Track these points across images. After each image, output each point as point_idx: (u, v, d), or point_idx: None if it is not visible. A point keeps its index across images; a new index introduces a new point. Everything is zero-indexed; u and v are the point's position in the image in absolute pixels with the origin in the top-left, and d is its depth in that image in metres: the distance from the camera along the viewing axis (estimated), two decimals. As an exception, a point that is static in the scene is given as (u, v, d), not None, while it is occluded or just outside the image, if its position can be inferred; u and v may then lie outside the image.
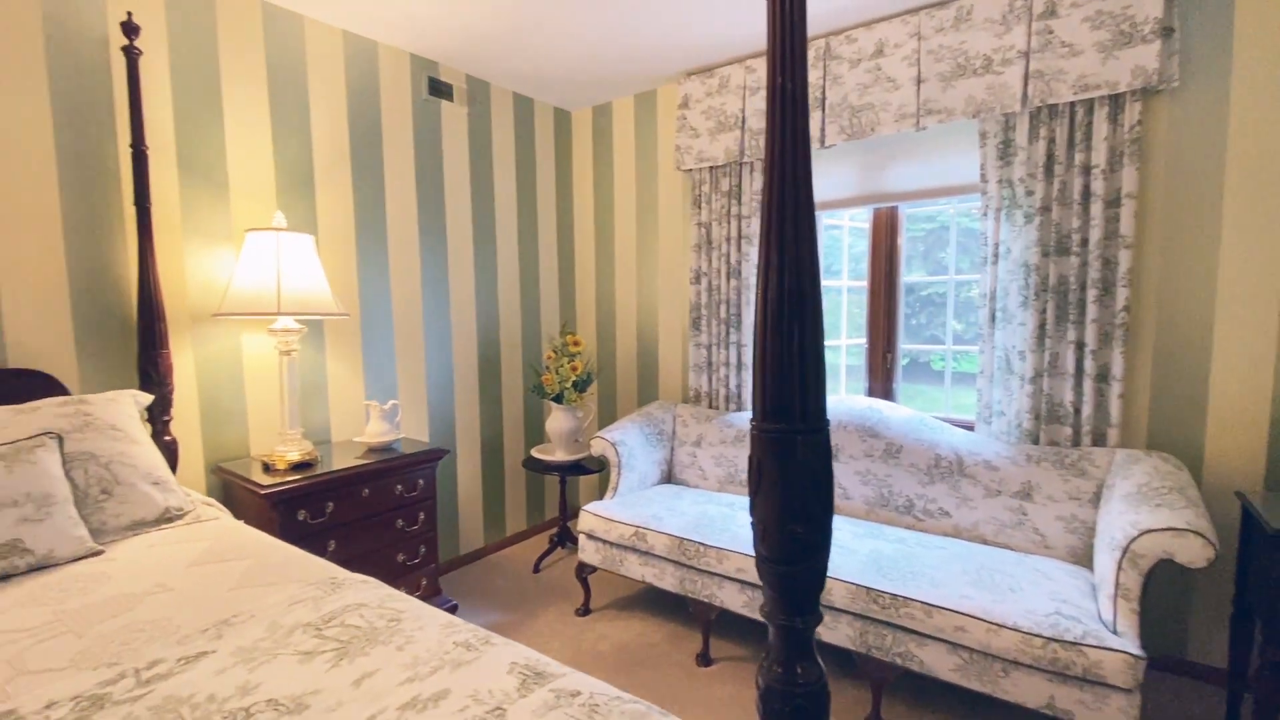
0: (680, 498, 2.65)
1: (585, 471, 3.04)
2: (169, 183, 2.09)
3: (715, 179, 2.94)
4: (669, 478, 2.97)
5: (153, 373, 1.97)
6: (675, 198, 3.23)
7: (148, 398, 1.88)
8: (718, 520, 2.35)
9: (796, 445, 0.77)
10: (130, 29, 1.90)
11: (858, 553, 2.05)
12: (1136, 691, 1.50)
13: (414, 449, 2.41)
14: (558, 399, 3.02)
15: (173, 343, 2.09)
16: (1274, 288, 1.91)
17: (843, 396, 2.68)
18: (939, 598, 1.76)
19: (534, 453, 3.11)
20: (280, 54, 2.37)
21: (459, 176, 3.04)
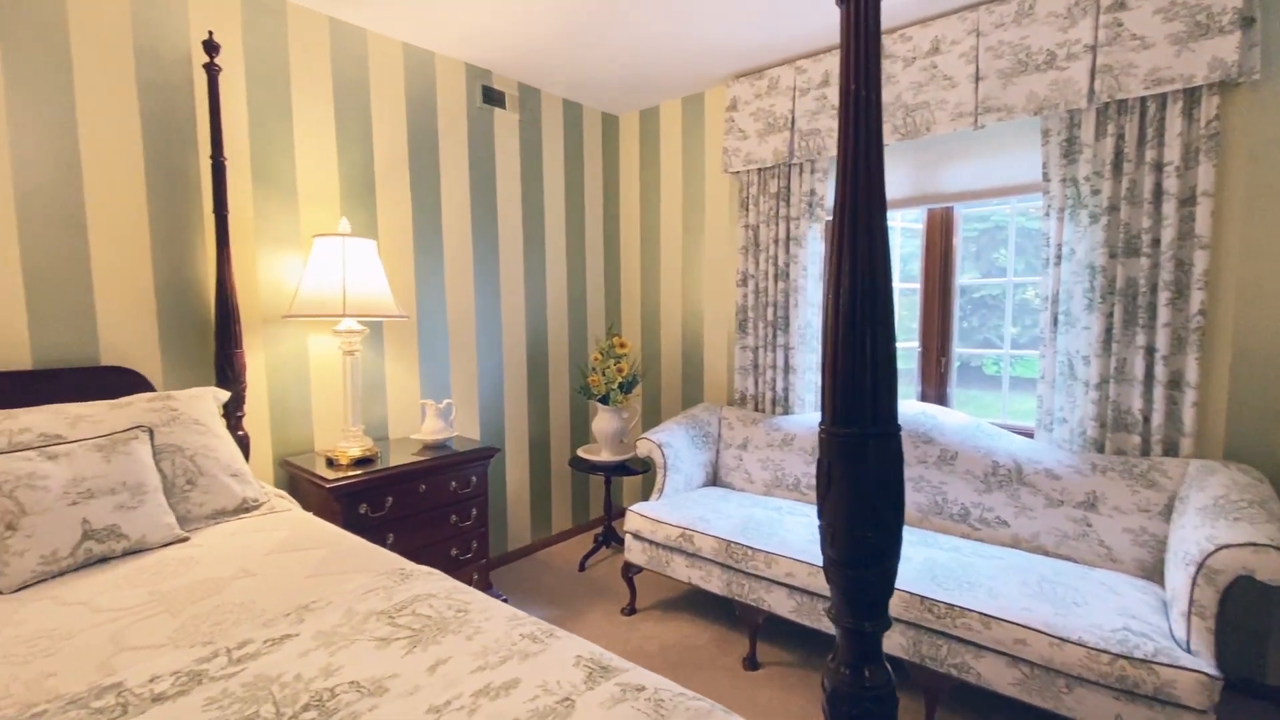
0: (727, 500, 2.65)
1: (630, 472, 3.07)
2: (244, 191, 2.22)
3: (763, 181, 2.93)
4: (714, 480, 2.97)
5: (228, 370, 2.09)
6: (722, 200, 3.23)
7: (225, 394, 1.99)
8: (765, 524, 2.34)
9: (868, 449, 0.78)
10: (211, 47, 2.02)
11: (911, 560, 2.01)
12: (1211, 713, 1.43)
13: (466, 447, 2.47)
14: (604, 400, 3.06)
15: (245, 342, 2.20)
16: (1368, 291, 1.80)
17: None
18: (998, 609, 1.71)
19: (580, 452, 3.15)
20: (345, 67, 2.47)
21: (510, 181, 3.11)
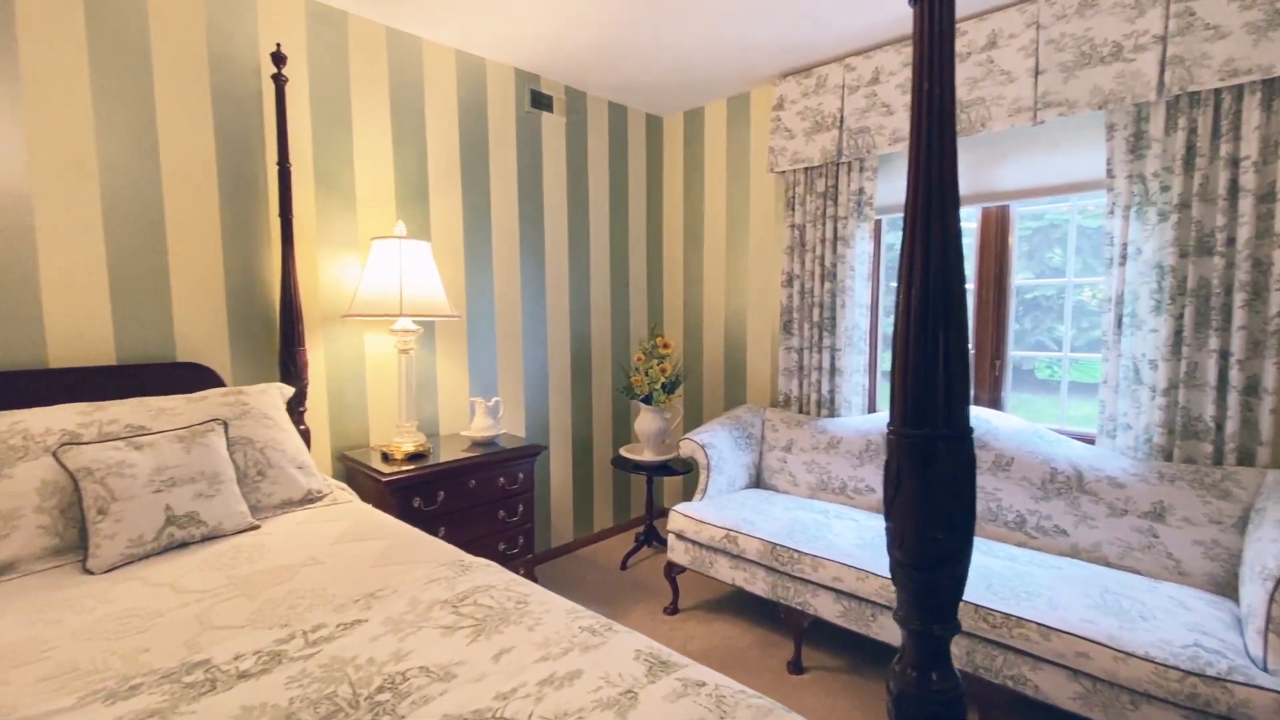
0: (771, 503, 2.63)
1: (672, 472, 3.08)
2: (306, 196, 2.31)
3: (810, 180, 2.90)
4: (757, 482, 2.96)
5: (291, 367, 2.18)
6: (767, 200, 3.21)
7: (290, 390, 2.08)
8: (811, 527, 2.32)
9: (938, 451, 0.77)
10: (279, 59, 2.11)
11: (964, 567, 1.97)
12: (1294, 736, 1.36)
13: (513, 444, 2.53)
14: (647, 400, 3.08)
15: (307, 340, 2.30)
16: None
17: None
18: (1058, 620, 1.66)
19: (622, 452, 3.18)
20: (401, 74, 2.56)
21: (556, 183, 3.16)
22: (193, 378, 2.00)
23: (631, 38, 2.59)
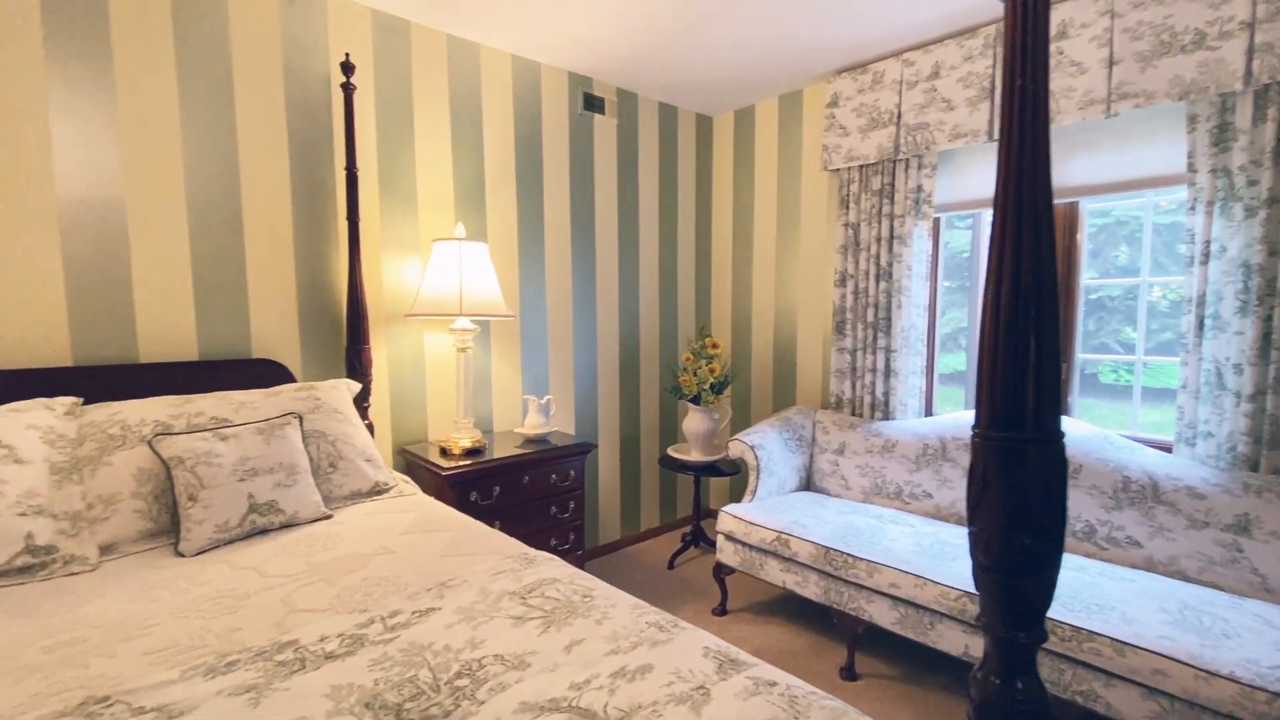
0: (823, 506, 2.60)
1: (720, 473, 3.07)
2: (372, 199, 2.40)
3: (865, 178, 2.85)
4: (807, 485, 2.93)
5: (356, 364, 2.27)
6: (819, 199, 3.17)
7: (357, 386, 2.17)
8: (866, 532, 2.29)
9: (1026, 455, 0.75)
10: (347, 68, 2.20)
11: (1029, 576, 1.90)
12: (1403, 768, 1.27)
13: (564, 442, 2.56)
14: (695, 400, 3.08)
15: (371, 338, 2.38)
16: None
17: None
18: (1133, 635, 1.59)
19: (670, 451, 3.19)
20: (460, 79, 2.63)
21: (607, 185, 3.19)
22: (267, 373, 2.10)
23: (683, 40, 2.60)
